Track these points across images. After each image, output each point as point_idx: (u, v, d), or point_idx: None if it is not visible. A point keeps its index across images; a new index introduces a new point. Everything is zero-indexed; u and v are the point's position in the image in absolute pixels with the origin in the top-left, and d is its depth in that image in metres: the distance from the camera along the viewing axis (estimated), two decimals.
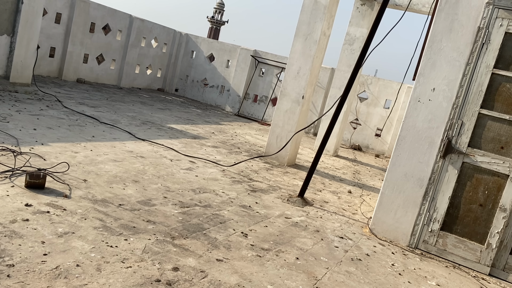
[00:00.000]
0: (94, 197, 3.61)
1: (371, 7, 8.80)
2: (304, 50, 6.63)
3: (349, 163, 8.71)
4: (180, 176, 4.83)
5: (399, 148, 4.33)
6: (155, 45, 12.74)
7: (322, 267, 3.34)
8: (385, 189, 4.40)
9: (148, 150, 5.62)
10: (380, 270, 3.57)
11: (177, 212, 3.74)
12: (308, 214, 4.61)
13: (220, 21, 63.04)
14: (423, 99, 4.21)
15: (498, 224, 3.95)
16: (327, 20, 6.60)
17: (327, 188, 6.02)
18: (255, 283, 2.83)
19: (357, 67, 4.78)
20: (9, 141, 4.53)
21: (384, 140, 11.02)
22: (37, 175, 3.47)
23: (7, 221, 2.84)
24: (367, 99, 11.25)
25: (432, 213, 4.20)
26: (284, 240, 3.71)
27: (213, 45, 13.16)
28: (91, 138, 5.47)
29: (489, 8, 3.93)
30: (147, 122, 7.52)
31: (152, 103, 10.08)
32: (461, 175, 4.10)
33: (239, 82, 12.36)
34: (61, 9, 9.74)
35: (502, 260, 3.98)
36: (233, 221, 3.87)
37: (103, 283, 2.41)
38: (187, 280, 2.65)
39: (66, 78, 10.14)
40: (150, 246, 2.99)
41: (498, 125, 3.96)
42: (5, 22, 7.13)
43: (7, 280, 2.23)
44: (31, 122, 5.53)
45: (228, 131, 8.89)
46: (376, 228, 4.44)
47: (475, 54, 3.99)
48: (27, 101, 6.77)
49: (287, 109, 6.77)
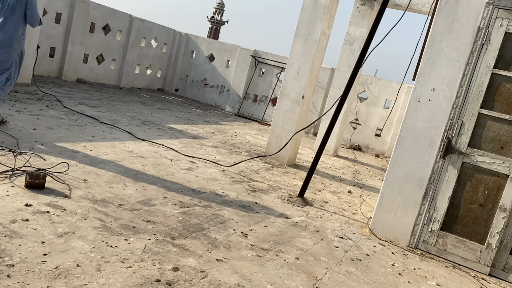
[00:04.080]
0: (94, 197, 3.61)
1: (371, 7, 8.80)
2: (304, 50, 6.63)
3: (349, 163, 8.72)
4: (180, 176, 4.83)
5: (399, 148, 4.33)
6: (155, 45, 12.74)
7: (322, 267, 3.34)
8: (385, 189, 4.40)
9: (148, 150, 5.62)
10: (380, 270, 3.57)
11: (177, 212, 3.74)
12: (308, 214, 4.61)
13: (220, 21, 63.06)
14: (423, 99, 4.21)
15: (498, 224, 3.95)
16: (327, 20, 6.60)
17: (327, 188, 6.02)
18: (255, 283, 2.83)
19: (357, 67, 4.78)
20: (9, 141, 4.53)
21: (384, 140, 11.02)
22: (37, 175, 3.47)
23: (7, 221, 2.84)
24: (367, 99, 11.25)
25: (432, 213, 4.20)
26: (284, 240, 3.71)
27: (213, 45, 13.17)
28: (91, 138, 5.47)
29: (489, 8, 3.93)
30: (147, 122, 7.52)
31: (152, 103, 10.08)
32: (461, 175, 4.10)
33: (239, 82, 12.36)
34: (61, 9, 9.73)
35: (502, 260, 3.98)
36: (233, 221, 3.87)
37: (103, 283, 2.41)
38: (187, 280, 2.65)
39: (66, 78, 10.14)
40: (150, 246, 2.99)
41: (498, 125, 3.96)
42: None
43: (7, 280, 2.23)
44: (31, 122, 5.53)
45: (228, 131, 8.89)
46: (376, 228, 4.44)
47: (475, 54, 3.99)
48: (27, 101, 6.77)
49: (287, 109, 6.77)
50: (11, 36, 4.76)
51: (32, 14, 4.79)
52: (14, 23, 4.72)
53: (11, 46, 4.77)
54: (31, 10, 4.76)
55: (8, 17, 4.70)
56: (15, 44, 4.81)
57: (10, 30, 4.73)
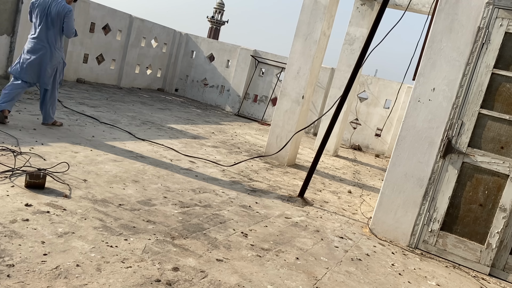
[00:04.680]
0: (94, 197, 3.61)
1: (371, 7, 8.80)
2: (304, 50, 6.63)
3: (349, 163, 8.72)
4: (180, 176, 4.83)
5: (399, 148, 4.33)
6: (155, 45, 12.74)
7: (322, 267, 3.34)
8: (385, 189, 4.40)
9: (148, 150, 5.62)
10: (380, 270, 3.57)
11: (177, 212, 3.74)
12: (308, 214, 4.61)
13: (220, 21, 63.04)
14: (423, 99, 4.21)
15: (498, 224, 3.95)
16: (327, 20, 6.60)
17: (327, 188, 6.02)
18: (255, 283, 2.83)
19: (357, 67, 4.78)
20: (9, 141, 4.53)
21: (384, 140, 11.02)
22: (37, 175, 3.47)
23: (7, 221, 2.84)
24: (367, 99, 11.25)
25: (432, 213, 4.20)
26: (284, 240, 3.71)
27: (213, 45, 13.17)
28: (91, 138, 5.47)
29: (489, 8, 3.93)
30: (147, 122, 7.52)
31: (152, 103, 10.08)
32: (461, 175, 4.10)
33: (239, 82, 12.36)
34: None
35: (502, 260, 3.98)
36: (233, 221, 3.87)
37: (103, 283, 2.41)
38: (187, 280, 2.65)
39: (66, 78, 10.13)
40: (150, 246, 2.99)
41: (498, 125, 3.96)
42: (5, 22, 7.12)
43: (7, 280, 2.23)
44: (31, 122, 5.53)
45: (228, 131, 8.90)
46: (376, 228, 4.44)
47: (475, 54, 3.99)
48: (27, 101, 6.77)
49: (287, 109, 6.77)
50: (52, 46, 5.36)
51: (68, 27, 5.37)
52: (53, 34, 5.32)
53: (53, 55, 5.37)
54: (67, 24, 5.34)
55: (50, 29, 5.28)
56: (56, 53, 5.41)
57: (51, 40, 5.33)
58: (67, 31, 5.40)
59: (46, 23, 5.25)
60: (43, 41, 5.29)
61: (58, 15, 5.26)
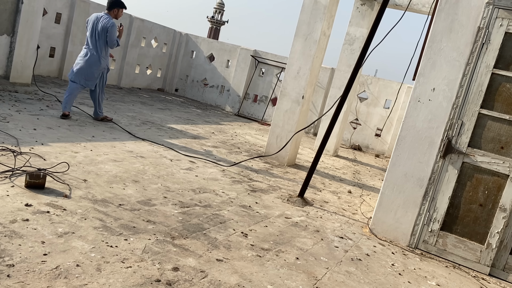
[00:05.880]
0: (94, 197, 3.61)
1: (371, 7, 8.80)
2: (304, 50, 6.63)
3: (349, 163, 8.72)
4: (180, 176, 4.83)
5: (399, 148, 4.33)
6: (155, 45, 12.73)
7: (322, 267, 3.34)
8: (385, 189, 4.40)
9: (148, 150, 5.63)
10: (380, 270, 3.57)
11: (177, 212, 3.74)
12: (308, 214, 4.61)
13: (220, 21, 63.03)
14: (423, 99, 4.21)
15: (498, 224, 3.95)
16: (327, 20, 6.60)
17: (327, 188, 6.02)
18: (255, 283, 2.83)
19: (357, 67, 4.78)
20: (9, 141, 4.53)
21: (384, 140, 11.02)
22: (37, 175, 3.47)
23: (7, 221, 2.84)
24: (367, 99, 11.25)
25: (432, 213, 4.20)
26: (284, 240, 3.71)
27: (213, 45, 13.16)
28: (91, 138, 5.47)
29: (489, 8, 3.93)
30: (147, 122, 7.52)
31: (152, 103, 10.08)
32: (461, 175, 4.10)
33: (239, 82, 12.36)
34: (61, 9, 9.74)
35: (502, 260, 3.98)
36: (233, 221, 3.87)
37: (103, 283, 2.41)
38: (187, 280, 2.65)
39: (66, 78, 10.13)
40: (150, 246, 2.99)
41: (498, 125, 3.96)
42: (5, 22, 7.12)
43: (7, 280, 2.23)
44: (31, 122, 5.53)
45: (228, 131, 8.89)
46: (376, 228, 4.44)
47: (475, 54, 3.99)
48: (27, 101, 6.77)
49: (287, 109, 6.77)
50: (99, 55, 6.40)
51: (110, 39, 6.43)
52: (100, 45, 6.39)
53: (99, 62, 6.42)
54: (110, 37, 6.40)
55: (97, 40, 6.37)
56: (102, 60, 6.46)
57: (98, 51, 6.38)
58: (110, 42, 6.44)
59: (95, 36, 6.35)
60: (92, 50, 6.37)
61: (103, 29, 6.34)
